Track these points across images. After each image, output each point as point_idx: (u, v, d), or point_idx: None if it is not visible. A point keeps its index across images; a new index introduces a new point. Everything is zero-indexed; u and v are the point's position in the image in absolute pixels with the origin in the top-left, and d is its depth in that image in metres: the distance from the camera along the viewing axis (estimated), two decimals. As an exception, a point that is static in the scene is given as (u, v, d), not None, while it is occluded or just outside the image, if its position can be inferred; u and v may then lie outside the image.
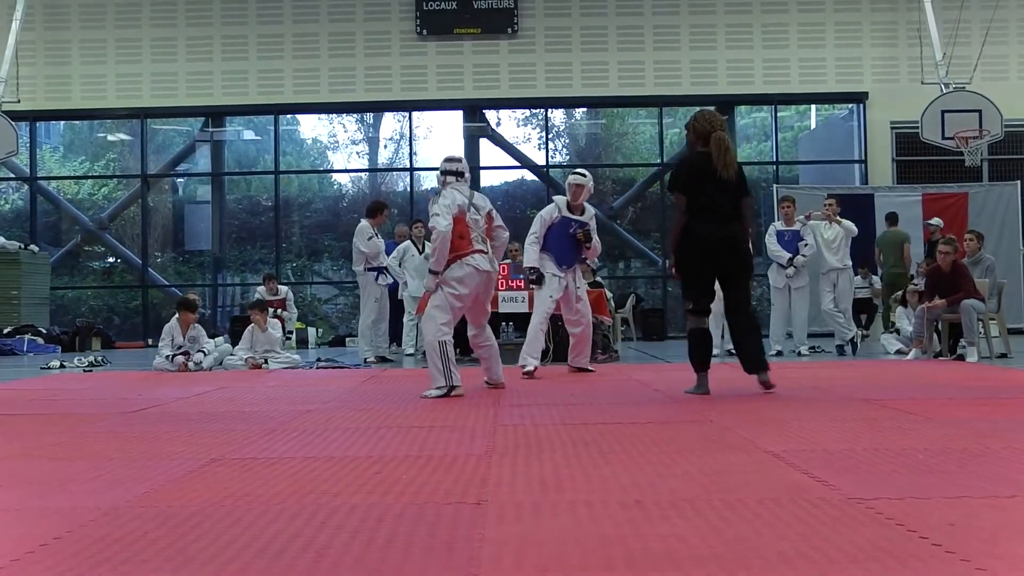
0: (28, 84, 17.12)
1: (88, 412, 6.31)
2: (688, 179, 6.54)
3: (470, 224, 7.12)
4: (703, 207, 6.42)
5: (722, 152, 6.48)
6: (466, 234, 7.07)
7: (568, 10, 17.71)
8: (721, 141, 6.51)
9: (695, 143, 6.69)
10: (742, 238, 6.56)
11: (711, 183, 6.44)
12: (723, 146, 6.50)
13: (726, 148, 6.52)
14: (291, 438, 4.81)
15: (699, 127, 6.65)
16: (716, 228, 6.43)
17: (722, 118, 6.81)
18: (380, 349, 11.64)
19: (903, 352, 11.10)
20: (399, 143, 19.85)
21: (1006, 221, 16.29)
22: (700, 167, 6.51)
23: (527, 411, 5.82)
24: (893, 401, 6.01)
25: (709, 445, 4.33)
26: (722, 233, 6.46)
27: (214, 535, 2.75)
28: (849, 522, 2.80)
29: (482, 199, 7.42)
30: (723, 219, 6.47)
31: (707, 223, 6.42)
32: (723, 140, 6.53)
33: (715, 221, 6.43)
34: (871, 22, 17.63)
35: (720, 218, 6.46)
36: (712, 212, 6.43)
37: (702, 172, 6.48)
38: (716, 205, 6.44)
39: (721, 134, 6.57)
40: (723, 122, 6.75)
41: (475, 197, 7.33)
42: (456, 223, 6.96)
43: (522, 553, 2.52)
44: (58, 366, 11.32)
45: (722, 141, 6.52)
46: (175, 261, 19.67)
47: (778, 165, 18.21)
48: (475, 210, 7.22)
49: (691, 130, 6.74)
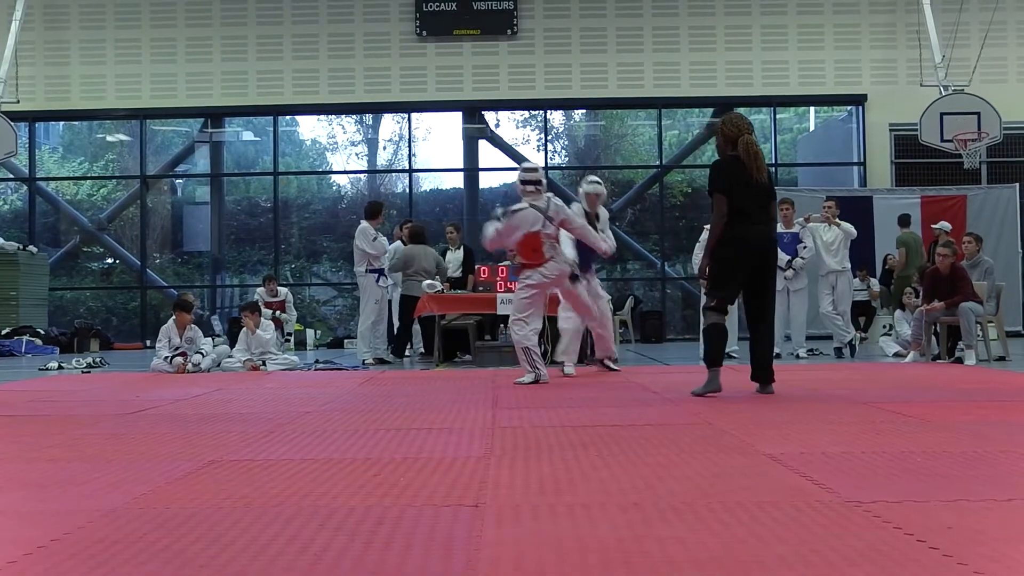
0: (27, 84, 17.13)
1: (86, 413, 6.31)
2: (728, 181, 6.62)
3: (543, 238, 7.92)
4: (739, 210, 6.54)
5: (751, 156, 6.60)
6: (539, 247, 7.91)
7: (567, 12, 17.73)
8: (751, 145, 6.63)
9: (724, 147, 6.80)
10: (774, 240, 6.83)
11: (744, 186, 6.57)
12: (752, 150, 6.62)
13: (756, 152, 6.64)
14: (289, 440, 4.81)
15: (728, 131, 6.76)
16: (753, 230, 6.57)
17: (749, 121, 6.89)
18: (378, 351, 11.63)
19: (901, 355, 11.11)
20: (398, 144, 19.85)
21: (1005, 224, 16.30)
22: (735, 170, 6.62)
23: (525, 413, 5.82)
24: (891, 404, 6.01)
25: (707, 448, 4.33)
26: (758, 235, 6.61)
27: (212, 537, 2.75)
28: (847, 525, 2.80)
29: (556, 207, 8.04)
30: (757, 222, 6.61)
31: (744, 225, 6.54)
32: (752, 144, 6.65)
33: (751, 223, 6.57)
34: (870, 24, 17.65)
35: (754, 220, 6.59)
36: (747, 215, 6.56)
37: (737, 175, 6.60)
38: (750, 208, 6.58)
39: (749, 138, 6.67)
40: (751, 125, 6.83)
41: (551, 208, 8.00)
42: (530, 239, 7.82)
43: (520, 556, 2.52)
44: (56, 367, 11.32)
45: (751, 145, 6.64)
46: (174, 262, 19.67)
47: (777, 167, 18.20)
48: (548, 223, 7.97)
49: (720, 134, 6.87)
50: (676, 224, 18.49)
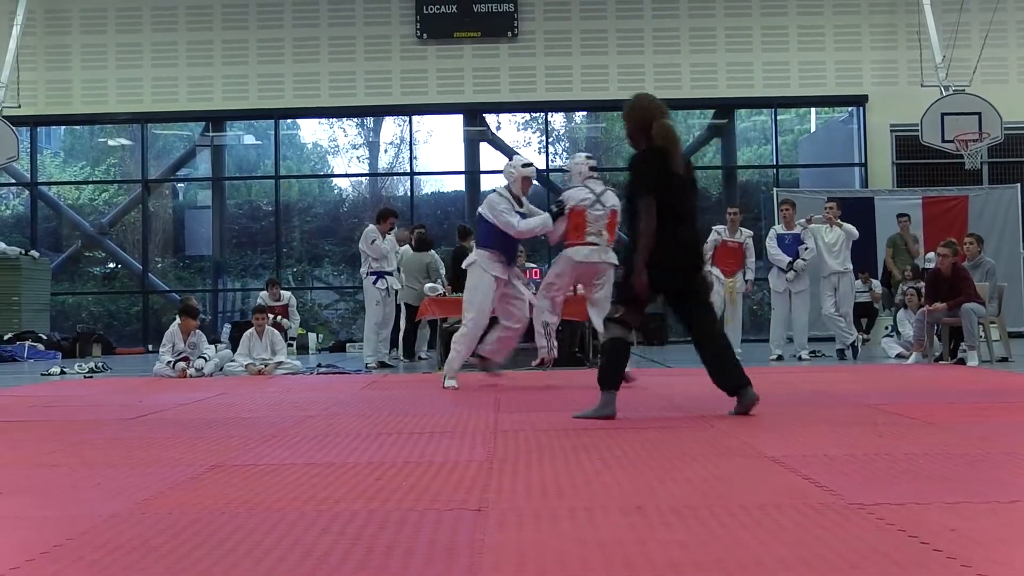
0: (29, 89, 17.15)
1: (88, 419, 6.31)
2: (656, 178, 5.48)
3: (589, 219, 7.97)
4: (669, 211, 5.45)
5: (672, 144, 5.53)
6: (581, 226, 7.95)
7: (568, 14, 17.74)
8: (670, 131, 5.54)
9: (637, 136, 5.64)
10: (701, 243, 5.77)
11: (670, 182, 5.49)
12: (672, 137, 5.55)
13: (676, 139, 5.58)
14: (291, 444, 4.80)
15: (637, 117, 5.62)
16: (683, 232, 5.54)
17: (661, 103, 5.67)
18: (380, 355, 11.63)
19: (904, 356, 11.11)
20: (399, 147, 19.87)
21: (1006, 224, 16.29)
22: (660, 164, 5.49)
23: (527, 417, 5.82)
24: (894, 405, 6.00)
25: (710, 450, 4.33)
26: (690, 238, 5.62)
27: (215, 542, 2.75)
28: (850, 527, 2.79)
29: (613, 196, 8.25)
30: (687, 222, 5.59)
31: (676, 228, 5.47)
32: (671, 130, 5.55)
33: (683, 224, 5.53)
34: (870, 25, 17.65)
35: (685, 221, 5.57)
36: (678, 216, 5.50)
37: (663, 169, 5.48)
38: (679, 207, 5.52)
39: (666, 123, 5.54)
40: (664, 108, 5.62)
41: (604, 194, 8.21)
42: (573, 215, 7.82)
43: (523, 559, 2.52)
44: (58, 372, 11.31)
45: (670, 131, 5.54)
46: (176, 266, 19.68)
47: (778, 168, 18.23)
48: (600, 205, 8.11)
49: (629, 120, 5.68)
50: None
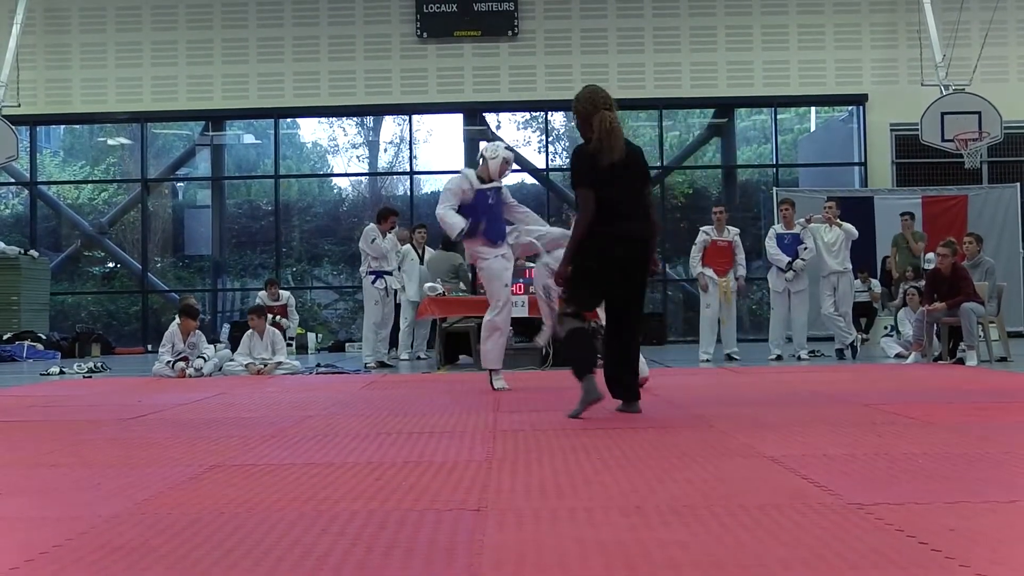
0: (28, 88, 17.14)
1: (88, 419, 6.31)
2: (592, 171, 5.55)
3: None
4: (608, 204, 5.51)
5: (605, 134, 5.55)
6: None
7: (568, 12, 17.74)
8: (604, 122, 5.56)
9: (584, 130, 5.71)
10: (650, 238, 5.71)
11: (609, 173, 5.53)
12: (607, 127, 5.56)
13: (610, 129, 5.57)
14: (291, 444, 4.81)
15: (581, 110, 5.69)
16: (624, 225, 5.54)
17: (607, 94, 5.72)
18: (379, 354, 11.64)
19: (903, 356, 11.11)
20: (399, 147, 19.86)
21: (1006, 224, 16.30)
22: (596, 157, 5.57)
23: (527, 417, 5.82)
24: (893, 405, 6.00)
25: (709, 450, 4.33)
26: (630, 231, 5.57)
27: (214, 542, 2.75)
28: (850, 527, 2.80)
29: None
30: (629, 216, 5.57)
31: (612, 222, 5.50)
32: (607, 120, 5.57)
33: (621, 218, 5.53)
34: (871, 24, 17.65)
35: (626, 215, 5.55)
36: (617, 209, 5.52)
37: (599, 162, 5.55)
38: (620, 200, 5.54)
39: (606, 114, 5.60)
40: (609, 98, 5.69)
41: None
42: None
43: (522, 560, 2.52)
44: (58, 372, 11.31)
45: (604, 121, 5.56)
46: (175, 266, 19.68)
47: (778, 168, 18.23)
48: None
49: (576, 116, 5.77)
50: (677, 225, 18.47)
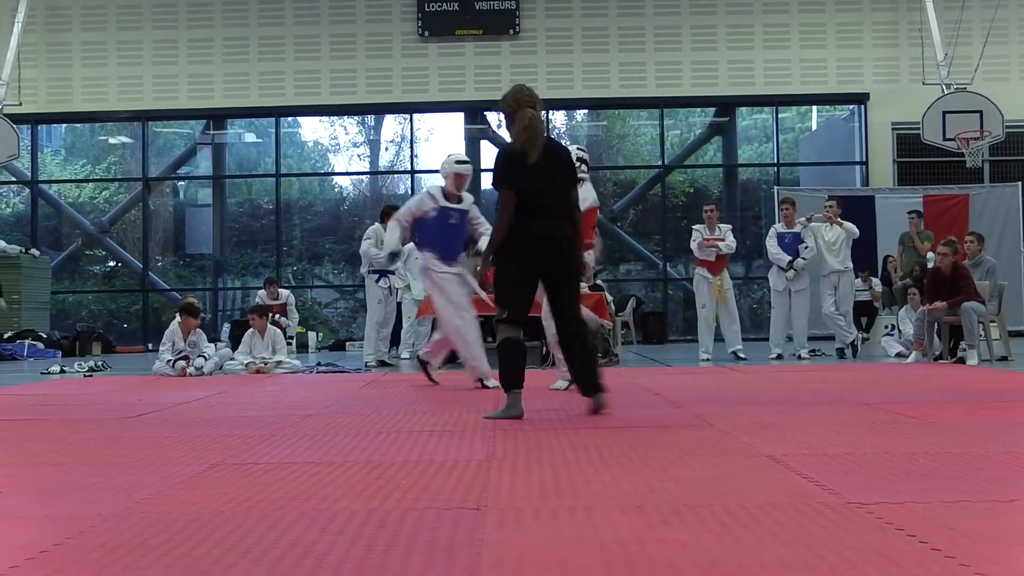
0: (29, 87, 17.16)
1: (88, 417, 6.31)
2: (515, 171, 5.54)
3: None
4: (528, 204, 5.48)
5: (522, 132, 5.52)
6: None
7: (569, 11, 17.74)
8: (523, 118, 5.52)
9: (508, 127, 5.71)
10: (574, 236, 5.65)
11: (532, 173, 5.51)
12: (523, 124, 5.52)
13: (526, 126, 5.51)
14: (291, 443, 4.81)
15: (506, 107, 5.70)
16: (544, 225, 5.51)
17: (532, 92, 5.70)
18: (379, 353, 11.64)
19: (903, 355, 11.11)
20: (400, 145, 19.85)
21: (1007, 223, 16.30)
22: (521, 156, 5.56)
23: (527, 416, 5.81)
24: (893, 405, 6.00)
25: (709, 449, 4.33)
26: (550, 231, 5.53)
27: (214, 541, 2.75)
28: (850, 527, 2.80)
29: None
30: (551, 215, 5.55)
31: (534, 220, 5.48)
32: (525, 118, 5.52)
33: (543, 217, 5.51)
34: (872, 22, 17.65)
35: (548, 213, 5.54)
36: (538, 210, 5.51)
37: (522, 162, 5.53)
38: (541, 201, 5.52)
39: (528, 111, 5.54)
40: (533, 96, 5.67)
41: None
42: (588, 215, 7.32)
43: (522, 559, 2.52)
44: (58, 371, 11.31)
45: (523, 117, 5.52)
46: (176, 265, 19.67)
47: (779, 167, 18.23)
48: None
49: (501, 112, 5.78)
50: (678, 224, 18.46)
